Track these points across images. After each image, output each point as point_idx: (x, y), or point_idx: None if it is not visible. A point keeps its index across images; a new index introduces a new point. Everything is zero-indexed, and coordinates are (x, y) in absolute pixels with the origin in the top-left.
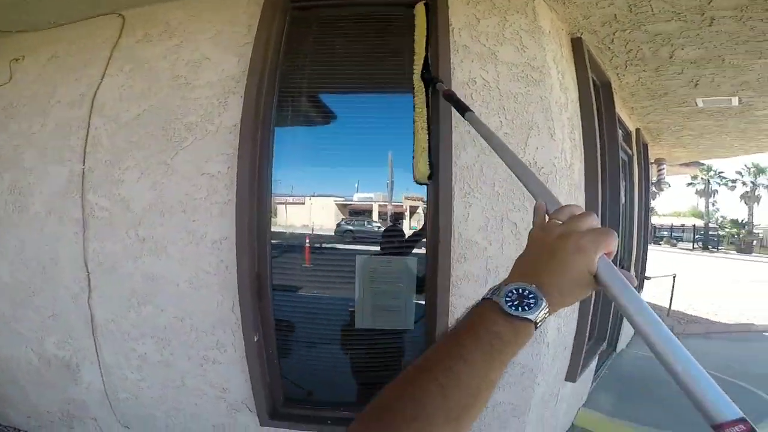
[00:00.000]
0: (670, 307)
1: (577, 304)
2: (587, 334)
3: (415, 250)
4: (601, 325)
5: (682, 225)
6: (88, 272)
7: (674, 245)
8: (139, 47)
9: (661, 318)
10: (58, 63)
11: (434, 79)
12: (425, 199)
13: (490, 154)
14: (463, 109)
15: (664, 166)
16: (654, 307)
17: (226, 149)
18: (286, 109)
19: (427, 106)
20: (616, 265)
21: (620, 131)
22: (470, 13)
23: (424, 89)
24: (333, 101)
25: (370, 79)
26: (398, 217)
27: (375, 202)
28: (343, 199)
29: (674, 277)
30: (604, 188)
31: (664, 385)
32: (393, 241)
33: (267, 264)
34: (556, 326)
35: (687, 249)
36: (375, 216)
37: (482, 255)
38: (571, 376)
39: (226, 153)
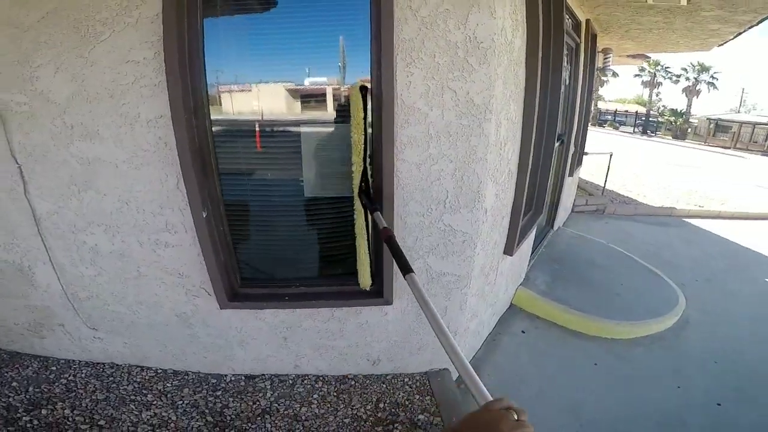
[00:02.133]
0: (604, 186)
1: (515, 173)
2: (524, 203)
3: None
4: (539, 197)
5: (626, 111)
6: (18, 164)
7: (616, 128)
8: None
9: (596, 196)
10: None
11: (374, 207)
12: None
13: (431, 28)
14: (406, 269)
15: (611, 55)
16: (590, 184)
17: (149, 37)
18: None
19: (367, 224)
20: (557, 140)
21: (569, 20)
22: None
23: (363, 212)
24: None
25: None
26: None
27: (329, 85)
28: (293, 85)
29: (610, 155)
30: (546, 66)
31: (593, 268)
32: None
33: (208, 140)
34: (495, 192)
35: (628, 132)
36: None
37: (424, 120)
38: (509, 249)
39: (151, 41)
